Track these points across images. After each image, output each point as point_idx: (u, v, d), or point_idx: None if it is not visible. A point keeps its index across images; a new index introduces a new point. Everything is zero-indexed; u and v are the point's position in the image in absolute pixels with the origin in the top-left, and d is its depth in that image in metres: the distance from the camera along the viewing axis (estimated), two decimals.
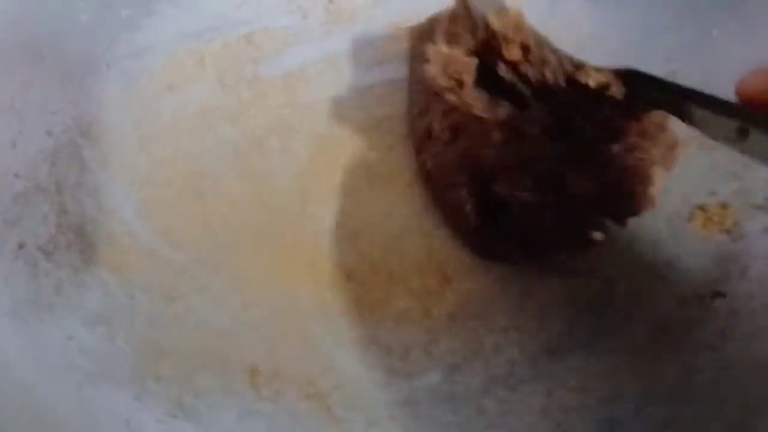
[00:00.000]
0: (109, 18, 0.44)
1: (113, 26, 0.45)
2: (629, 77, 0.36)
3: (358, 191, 0.43)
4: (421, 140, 0.42)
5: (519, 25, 0.38)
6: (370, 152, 0.45)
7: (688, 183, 0.41)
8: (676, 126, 0.37)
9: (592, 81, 0.36)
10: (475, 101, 0.38)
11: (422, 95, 0.42)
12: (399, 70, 0.48)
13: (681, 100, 0.34)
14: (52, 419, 0.32)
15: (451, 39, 0.40)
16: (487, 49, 0.38)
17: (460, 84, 0.38)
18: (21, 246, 0.36)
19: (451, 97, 0.38)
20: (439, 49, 0.38)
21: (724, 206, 0.39)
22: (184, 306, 0.38)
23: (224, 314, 0.39)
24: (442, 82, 0.38)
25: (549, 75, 0.38)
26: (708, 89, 0.41)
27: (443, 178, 0.41)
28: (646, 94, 0.36)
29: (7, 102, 0.39)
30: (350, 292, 0.39)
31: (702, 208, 0.39)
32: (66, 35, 0.42)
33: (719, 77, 0.42)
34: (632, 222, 0.39)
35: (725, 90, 0.39)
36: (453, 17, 0.41)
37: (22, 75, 0.41)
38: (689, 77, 0.43)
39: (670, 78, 0.43)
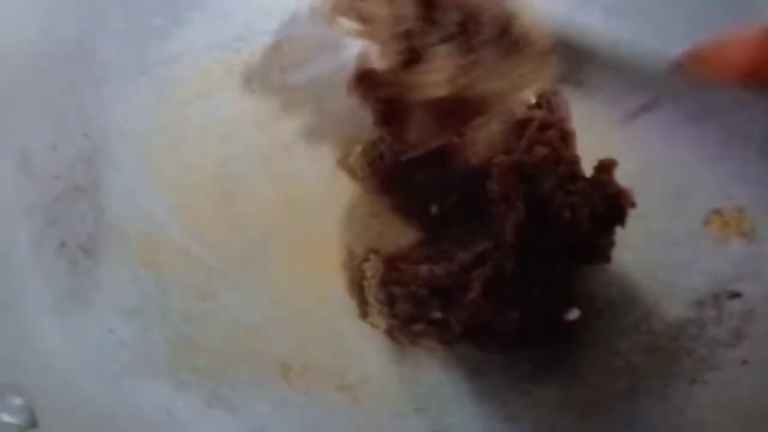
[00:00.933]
0: (142, 26, 0.46)
1: (145, 35, 0.46)
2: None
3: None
4: None
5: None
6: None
7: (705, 187, 0.42)
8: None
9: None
10: None
11: None
12: None
13: None
14: (94, 410, 0.33)
15: None
16: None
17: None
18: (63, 245, 0.37)
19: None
20: None
21: (740, 210, 0.40)
22: (215, 303, 0.40)
23: (254, 311, 0.40)
24: None
25: None
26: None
27: None
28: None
29: (47, 107, 0.40)
30: None
31: (718, 212, 0.40)
32: (101, 43, 0.44)
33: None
34: (650, 224, 0.40)
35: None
36: None
37: (61, 80, 0.42)
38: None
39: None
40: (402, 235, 0.43)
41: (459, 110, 0.38)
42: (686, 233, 0.41)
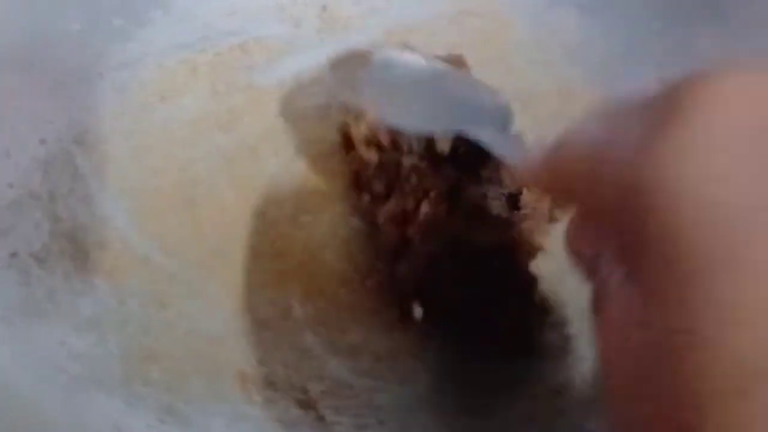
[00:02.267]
0: (101, 27, 0.45)
1: (105, 36, 0.45)
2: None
3: (350, 199, 0.43)
4: None
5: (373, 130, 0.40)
6: None
7: None
8: None
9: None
10: None
11: None
12: None
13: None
14: (40, 424, 0.32)
15: None
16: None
17: None
18: (13, 255, 0.36)
19: None
20: None
21: None
22: (175, 312, 0.39)
23: (215, 321, 0.39)
24: None
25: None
26: None
27: None
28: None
29: (1, 111, 0.39)
30: (342, 300, 0.40)
31: None
32: (57, 44, 0.43)
33: None
34: None
35: None
36: None
37: (13, 84, 0.41)
38: None
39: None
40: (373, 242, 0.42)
41: None
42: None
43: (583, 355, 0.38)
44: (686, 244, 0.18)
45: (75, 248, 0.39)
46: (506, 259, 0.37)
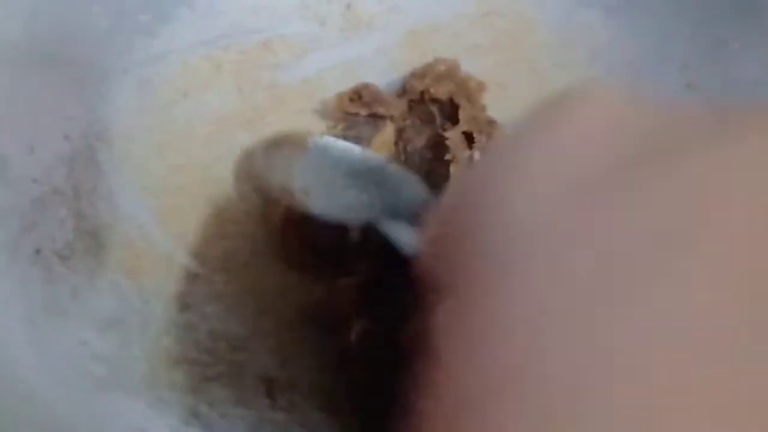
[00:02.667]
0: (126, 23, 0.44)
1: (130, 31, 0.45)
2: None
3: None
4: None
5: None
6: None
7: None
8: None
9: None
10: None
11: None
12: None
13: None
14: (63, 427, 0.32)
15: None
16: None
17: None
18: (38, 251, 0.36)
19: None
20: None
21: None
22: (198, 313, 0.38)
23: (238, 323, 0.38)
24: None
25: None
26: (726, 101, 0.42)
27: None
28: None
29: (23, 107, 0.39)
30: None
31: None
32: (82, 40, 0.42)
33: (737, 90, 0.42)
34: None
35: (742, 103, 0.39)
36: None
37: (38, 79, 0.40)
38: (706, 88, 0.43)
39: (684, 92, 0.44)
40: None
41: None
42: None
43: None
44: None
45: (98, 246, 0.39)
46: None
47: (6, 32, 0.39)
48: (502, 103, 0.46)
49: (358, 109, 0.46)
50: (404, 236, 0.32)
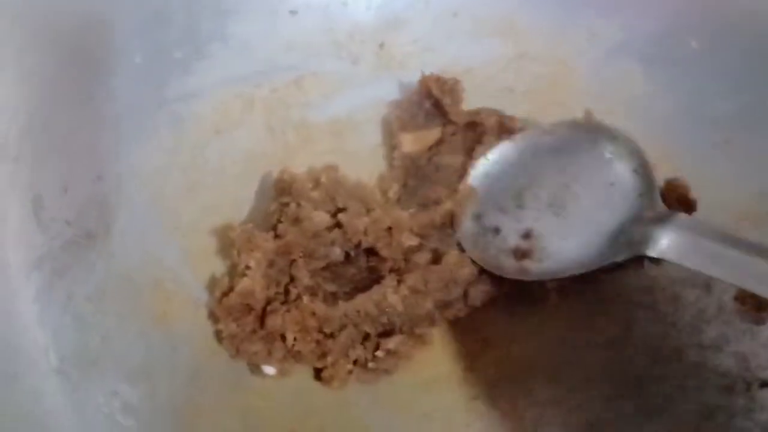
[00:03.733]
0: (162, 60, 0.45)
1: (165, 68, 0.45)
2: None
3: None
4: None
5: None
6: None
7: None
8: None
9: None
10: None
11: None
12: None
13: None
14: None
15: None
16: None
17: None
18: (70, 297, 0.36)
19: None
20: None
21: None
22: (224, 361, 0.38)
23: (263, 372, 0.39)
24: None
25: None
26: (763, 164, 0.41)
27: None
28: None
29: (59, 144, 0.39)
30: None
31: None
32: (118, 77, 0.42)
33: None
34: (680, 298, 0.39)
35: None
36: None
37: (73, 116, 0.40)
38: (744, 148, 0.43)
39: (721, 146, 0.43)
40: None
41: None
42: (717, 309, 0.39)
43: None
44: None
45: (128, 288, 0.39)
46: None
47: (42, 69, 0.39)
48: None
49: None
50: None
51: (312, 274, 0.40)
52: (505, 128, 0.45)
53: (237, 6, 0.47)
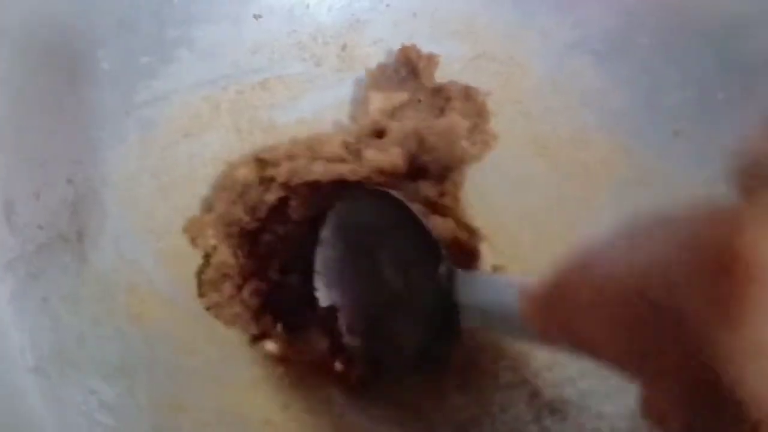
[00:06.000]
0: (129, 65, 0.45)
1: (132, 74, 0.45)
2: None
3: None
4: None
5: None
6: None
7: None
8: None
9: None
10: None
11: None
12: None
13: None
14: None
15: None
16: None
17: None
18: (45, 299, 0.37)
19: None
20: None
21: None
22: (202, 358, 0.39)
23: (240, 367, 0.39)
24: None
25: None
26: (710, 153, 0.43)
27: None
28: None
29: (31, 153, 0.40)
30: None
31: None
32: (87, 83, 0.43)
33: (722, 141, 0.44)
34: None
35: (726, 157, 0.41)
36: None
37: (44, 123, 0.41)
38: (693, 138, 0.45)
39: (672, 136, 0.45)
40: None
41: None
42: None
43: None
44: None
45: (103, 291, 0.39)
46: None
47: (12, 77, 0.40)
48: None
49: None
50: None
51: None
52: (470, 97, 0.47)
53: (202, 12, 0.48)
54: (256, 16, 0.49)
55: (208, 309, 0.41)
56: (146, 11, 0.46)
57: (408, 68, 0.48)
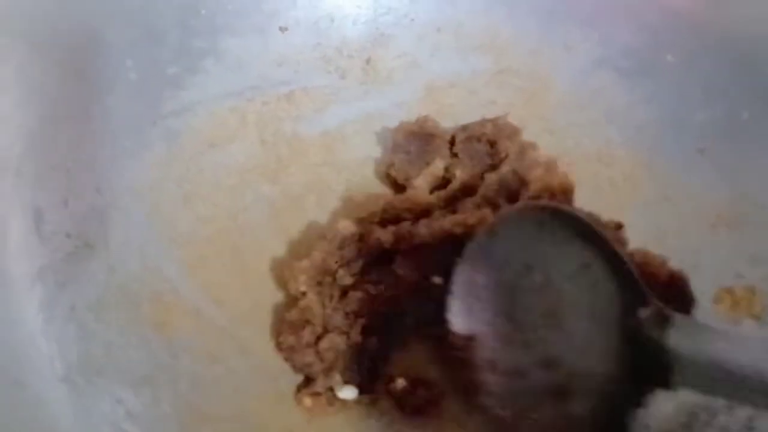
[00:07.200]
0: (156, 76, 0.46)
1: (159, 84, 0.46)
2: None
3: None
4: None
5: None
6: None
7: (714, 263, 0.42)
8: None
9: None
10: None
11: None
12: None
13: None
14: None
15: None
16: None
17: None
18: (72, 308, 0.37)
19: None
20: None
21: (752, 291, 0.40)
22: (225, 368, 0.39)
23: (264, 378, 0.40)
24: None
25: None
26: (735, 172, 0.43)
27: None
28: None
29: (59, 161, 0.40)
30: None
31: (729, 291, 0.40)
32: (114, 93, 0.44)
33: (747, 160, 0.44)
34: None
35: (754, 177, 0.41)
36: None
37: (72, 133, 0.42)
38: (717, 156, 0.45)
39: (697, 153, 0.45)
40: None
41: None
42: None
43: None
44: None
45: (128, 299, 0.40)
46: None
47: (41, 87, 0.40)
48: None
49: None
50: None
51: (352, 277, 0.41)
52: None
53: (229, 24, 0.48)
54: (282, 29, 0.50)
55: (280, 349, 0.40)
56: (174, 22, 0.47)
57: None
